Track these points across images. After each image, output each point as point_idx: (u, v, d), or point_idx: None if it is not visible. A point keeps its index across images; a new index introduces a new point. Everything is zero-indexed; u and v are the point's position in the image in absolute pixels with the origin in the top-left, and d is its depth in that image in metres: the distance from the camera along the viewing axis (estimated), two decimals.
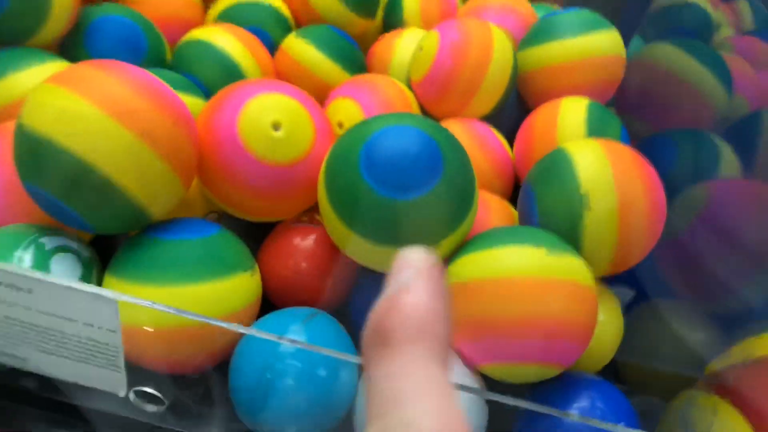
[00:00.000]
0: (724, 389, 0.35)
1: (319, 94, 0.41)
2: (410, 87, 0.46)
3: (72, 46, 0.40)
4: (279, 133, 0.30)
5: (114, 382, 0.26)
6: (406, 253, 0.13)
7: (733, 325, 0.38)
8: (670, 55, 0.47)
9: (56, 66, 0.37)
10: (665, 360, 0.38)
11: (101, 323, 0.24)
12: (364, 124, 0.29)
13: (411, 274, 0.13)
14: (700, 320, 0.39)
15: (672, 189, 0.33)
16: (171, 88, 0.29)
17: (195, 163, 0.30)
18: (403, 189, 0.27)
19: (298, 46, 0.46)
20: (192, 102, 0.38)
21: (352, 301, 0.34)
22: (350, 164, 0.28)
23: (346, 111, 0.41)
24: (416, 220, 0.28)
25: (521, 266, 0.27)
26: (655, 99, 0.46)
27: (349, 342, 0.30)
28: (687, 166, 0.41)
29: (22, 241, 0.27)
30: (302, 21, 0.50)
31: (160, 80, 0.28)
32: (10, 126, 0.32)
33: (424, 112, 0.45)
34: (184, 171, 0.28)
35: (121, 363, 0.25)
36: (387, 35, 0.51)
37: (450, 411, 0.11)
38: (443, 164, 0.28)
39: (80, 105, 0.25)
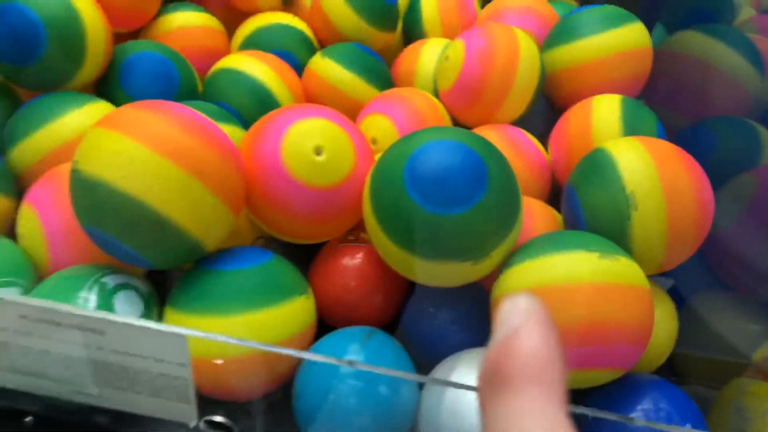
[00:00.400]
0: None
1: (349, 111, 0.42)
2: (438, 97, 0.46)
3: (108, 86, 0.41)
4: (321, 158, 0.31)
5: (185, 412, 0.26)
6: (512, 299, 0.14)
7: None
8: (698, 42, 0.46)
9: (96, 107, 0.38)
10: (715, 350, 0.37)
11: (171, 358, 0.24)
12: (405, 140, 0.30)
13: (521, 318, 0.13)
14: (748, 310, 0.38)
15: (715, 179, 0.33)
16: (214, 122, 0.30)
17: (243, 193, 0.30)
18: (449, 204, 0.28)
19: (325, 66, 0.46)
20: (229, 131, 0.39)
21: (403, 316, 0.35)
22: (395, 182, 0.28)
23: (379, 127, 0.42)
24: (464, 234, 0.28)
25: (574, 273, 0.27)
26: (686, 89, 0.46)
27: (406, 358, 0.30)
28: (728, 155, 0.40)
29: (86, 281, 0.28)
30: (324, 40, 0.51)
31: (204, 116, 0.29)
32: (62, 169, 0.33)
33: (454, 121, 0.45)
34: (233, 202, 0.29)
35: (192, 394, 0.26)
36: (410, 47, 0.51)
37: None
38: (487, 176, 0.28)
39: (132, 147, 0.26)
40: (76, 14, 0.37)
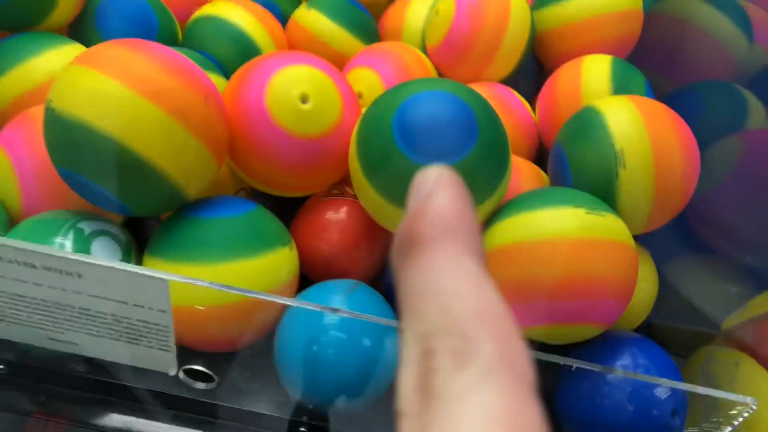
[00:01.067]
0: (744, 343, 0.35)
1: (334, 64, 0.41)
2: (426, 53, 0.45)
3: (82, 28, 0.39)
4: (307, 106, 0.30)
5: (164, 361, 0.26)
6: (423, 171, 0.13)
7: (756, 279, 0.38)
8: (688, 5, 0.46)
9: (71, 49, 0.36)
10: (687, 316, 0.38)
11: (152, 304, 0.24)
12: (394, 91, 0.29)
13: (432, 185, 0.13)
14: (727, 274, 0.39)
15: (700, 143, 0.33)
16: (194, 64, 0.28)
17: (226, 139, 0.29)
18: (438, 156, 0.27)
19: (310, 17, 0.45)
20: (211, 79, 0.37)
21: (387, 271, 0.34)
22: (383, 133, 0.28)
23: (366, 81, 0.41)
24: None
25: (560, 228, 0.27)
26: (675, 52, 0.46)
27: (391, 311, 0.30)
28: (714, 119, 0.40)
29: (61, 227, 0.27)
30: None
31: (187, 58, 0.28)
32: (35, 111, 0.31)
33: (442, 77, 0.44)
34: (216, 148, 0.28)
35: (172, 343, 0.25)
36: (398, 1, 0.50)
37: (488, 296, 0.11)
38: (478, 129, 0.28)
39: (111, 86, 0.25)
40: None
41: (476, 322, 0.10)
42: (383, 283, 0.34)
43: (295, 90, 0.30)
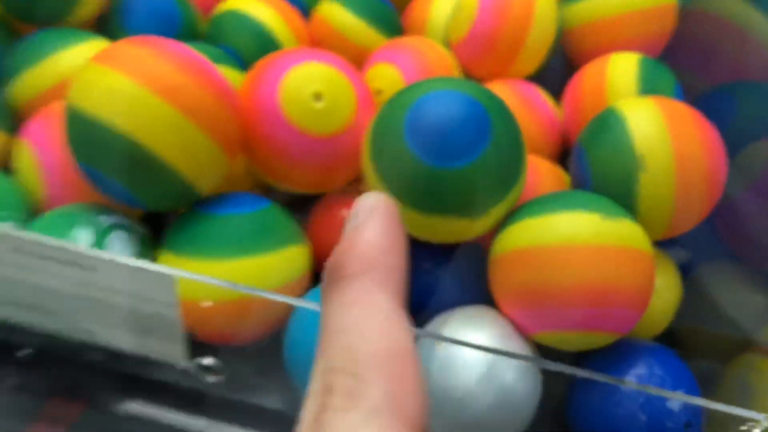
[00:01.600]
0: None
1: (356, 59, 0.40)
2: (449, 48, 0.44)
3: (108, 23, 0.40)
4: (321, 104, 0.30)
5: (174, 353, 0.26)
6: (362, 197, 0.14)
7: None
8: (726, 2, 0.44)
9: (96, 44, 0.37)
10: (722, 324, 0.37)
11: (160, 298, 0.24)
12: (407, 90, 0.29)
13: (366, 214, 0.13)
14: (758, 283, 0.37)
15: (732, 146, 0.31)
16: (212, 63, 0.29)
17: (239, 137, 0.30)
18: (449, 156, 0.27)
19: (333, 11, 0.45)
20: (231, 75, 0.38)
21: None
22: (394, 132, 0.27)
23: (386, 77, 0.40)
24: (464, 189, 0.27)
25: (575, 233, 0.27)
26: (710, 50, 0.44)
27: None
28: (748, 121, 0.38)
29: (79, 220, 0.28)
30: None
31: (202, 55, 0.28)
32: (59, 106, 0.32)
33: (466, 74, 0.44)
34: (228, 145, 0.28)
35: (180, 336, 0.26)
36: None
37: (393, 335, 0.11)
38: (491, 129, 0.27)
39: (125, 83, 0.25)
40: None
41: (371, 362, 0.11)
42: None
43: (309, 88, 0.30)
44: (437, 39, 0.46)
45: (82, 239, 0.27)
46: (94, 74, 0.26)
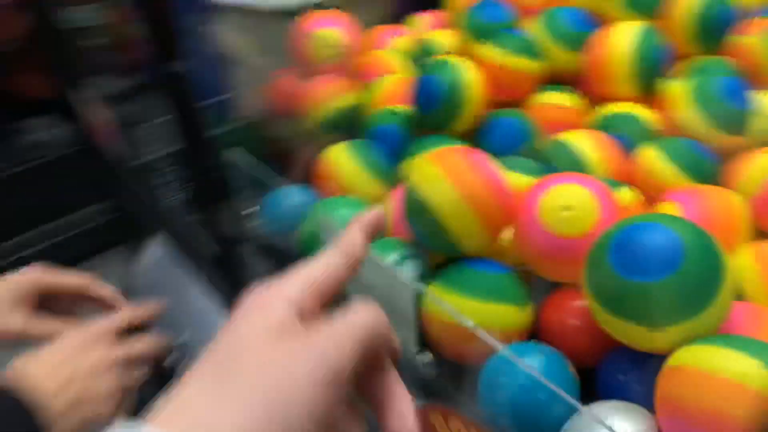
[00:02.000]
0: None
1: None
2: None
3: (477, 136, 0.59)
4: (567, 213, 0.40)
5: (410, 339, 0.40)
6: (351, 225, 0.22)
7: None
8: None
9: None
10: None
11: (404, 304, 0.39)
12: (627, 219, 0.36)
13: (332, 245, 0.22)
14: None
15: None
16: (499, 171, 0.42)
17: (501, 223, 0.42)
18: (639, 272, 0.33)
19: (652, 155, 0.51)
20: (521, 180, 0.49)
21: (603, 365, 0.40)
22: (603, 246, 0.35)
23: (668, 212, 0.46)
24: (643, 300, 0.33)
25: (726, 368, 0.29)
26: None
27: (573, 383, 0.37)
28: None
29: (395, 248, 0.45)
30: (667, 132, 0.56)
31: (494, 165, 0.42)
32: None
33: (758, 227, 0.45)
34: (490, 227, 0.41)
35: (413, 327, 0.39)
36: (756, 151, 0.51)
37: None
38: (683, 257, 0.32)
39: (440, 176, 0.41)
40: (463, 82, 0.56)
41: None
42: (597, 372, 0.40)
43: (560, 201, 0.40)
44: (746, 192, 0.47)
45: (392, 258, 0.44)
46: (426, 166, 0.43)
